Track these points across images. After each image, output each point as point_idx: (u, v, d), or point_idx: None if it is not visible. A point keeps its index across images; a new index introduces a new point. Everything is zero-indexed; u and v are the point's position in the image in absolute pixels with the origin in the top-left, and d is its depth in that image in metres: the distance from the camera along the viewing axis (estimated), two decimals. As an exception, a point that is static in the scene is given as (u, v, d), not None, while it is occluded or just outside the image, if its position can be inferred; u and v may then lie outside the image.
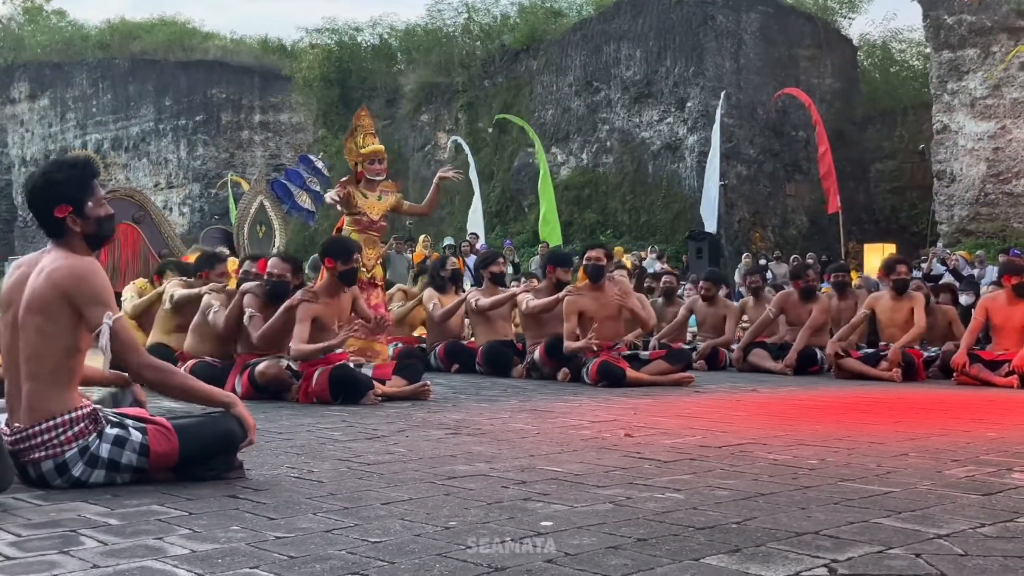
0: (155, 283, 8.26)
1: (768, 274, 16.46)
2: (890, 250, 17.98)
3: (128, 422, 3.14)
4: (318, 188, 14.48)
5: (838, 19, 26.22)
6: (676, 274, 11.66)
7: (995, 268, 13.19)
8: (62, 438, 3.01)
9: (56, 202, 3.04)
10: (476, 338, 8.71)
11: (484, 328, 8.44)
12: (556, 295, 7.65)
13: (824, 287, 10.88)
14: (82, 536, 2.43)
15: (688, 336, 10.11)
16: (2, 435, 3.03)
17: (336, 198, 7.58)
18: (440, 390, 6.52)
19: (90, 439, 3.04)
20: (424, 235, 19.00)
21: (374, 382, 5.88)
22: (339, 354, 6.02)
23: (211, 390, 3.32)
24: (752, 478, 3.28)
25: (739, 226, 21.92)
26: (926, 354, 8.36)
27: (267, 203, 14.56)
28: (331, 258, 6.10)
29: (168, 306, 7.23)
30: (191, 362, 6.29)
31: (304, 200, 14.73)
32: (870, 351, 8.36)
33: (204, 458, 3.16)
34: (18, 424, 3.05)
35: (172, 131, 31.32)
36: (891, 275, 8.38)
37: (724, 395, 6.68)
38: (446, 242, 19.67)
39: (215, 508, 2.77)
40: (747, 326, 9.59)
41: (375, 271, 7.54)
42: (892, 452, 3.88)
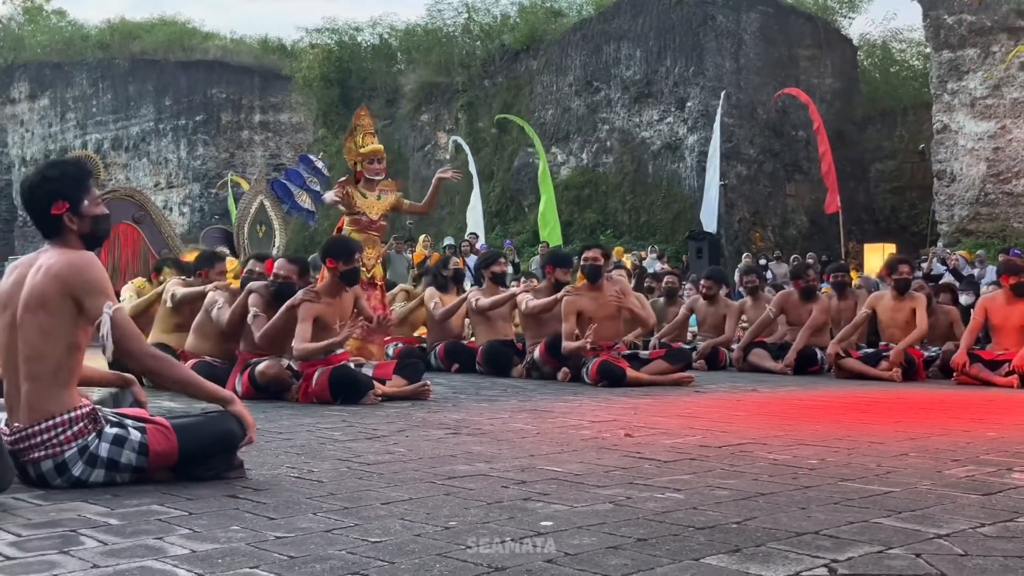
0: (152, 280, 8.26)
1: (768, 274, 16.46)
2: (890, 250, 17.98)
3: (127, 421, 3.15)
4: (318, 188, 14.46)
5: (838, 19, 26.23)
6: (678, 274, 11.67)
7: (995, 268, 13.17)
8: (61, 438, 3.01)
9: (53, 199, 3.05)
10: (476, 338, 8.71)
11: (484, 328, 8.45)
12: (555, 295, 7.66)
13: (824, 287, 10.88)
14: (82, 536, 2.43)
15: (688, 336, 10.12)
16: (2, 435, 3.04)
17: (336, 198, 7.59)
18: (440, 390, 6.52)
19: (89, 438, 3.04)
20: (424, 235, 19.00)
21: (374, 382, 5.89)
22: (339, 355, 6.03)
23: (210, 386, 3.32)
24: (752, 478, 3.28)
25: (739, 226, 21.92)
26: (926, 354, 8.36)
27: (267, 203, 14.55)
28: (332, 258, 6.10)
29: (169, 304, 7.22)
30: (192, 361, 6.30)
31: (304, 200, 14.71)
32: (870, 351, 8.36)
33: (203, 457, 3.17)
34: (18, 424, 3.05)
35: (172, 131, 31.32)
36: (893, 275, 8.37)
37: (724, 395, 6.68)
38: (446, 242, 19.67)
39: (215, 508, 2.77)
40: (747, 326, 9.59)
41: (375, 271, 7.56)
42: (892, 452, 3.88)
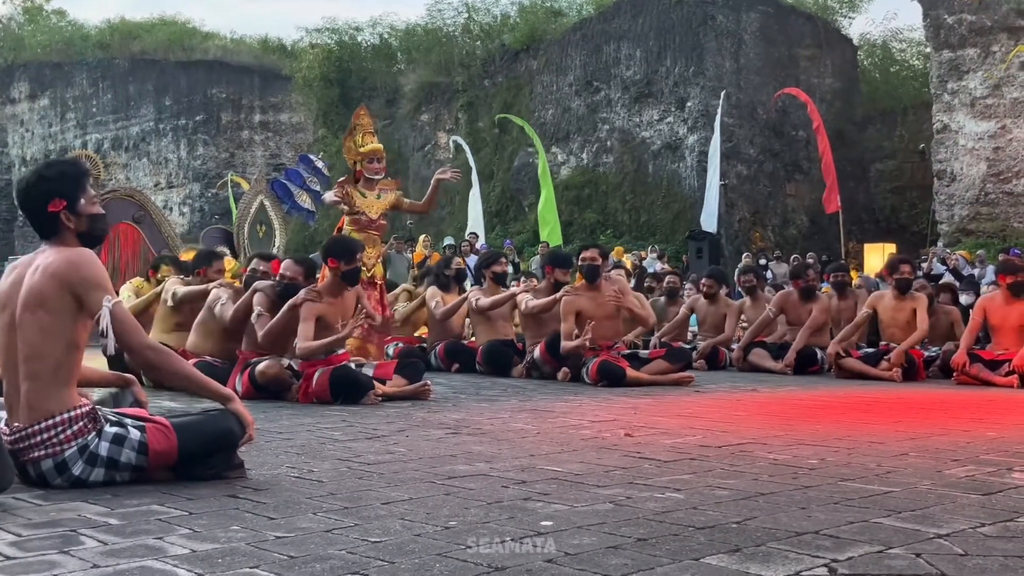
0: (150, 279, 8.25)
1: (768, 274, 16.46)
2: (890, 250, 17.98)
3: (127, 420, 3.15)
4: (318, 188, 14.48)
5: (838, 19, 26.22)
6: (679, 274, 11.66)
7: (995, 268, 13.17)
8: (61, 437, 3.01)
9: (50, 197, 3.06)
10: (476, 338, 8.72)
11: (484, 328, 8.45)
12: (554, 295, 7.66)
13: (824, 287, 10.88)
14: (82, 536, 2.43)
15: (688, 336, 10.12)
16: (1, 435, 3.04)
17: (336, 198, 7.60)
18: (440, 390, 6.52)
19: (89, 437, 3.05)
20: (424, 235, 18.99)
21: (375, 382, 5.89)
22: (340, 355, 6.03)
23: (209, 382, 3.32)
24: (752, 478, 3.28)
25: (739, 226, 21.92)
26: (926, 354, 8.36)
27: (267, 203, 14.57)
28: (334, 258, 6.10)
29: (170, 304, 7.22)
30: (192, 361, 6.30)
31: (304, 200, 14.73)
32: (871, 351, 8.36)
33: (203, 456, 3.17)
34: (17, 424, 3.05)
35: (172, 131, 31.31)
36: (894, 274, 8.36)
37: (724, 395, 6.68)
38: (446, 242, 19.67)
39: (215, 508, 2.77)
40: (746, 326, 9.60)
41: (375, 270, 7.56)
42: (892, 452, 3.88)
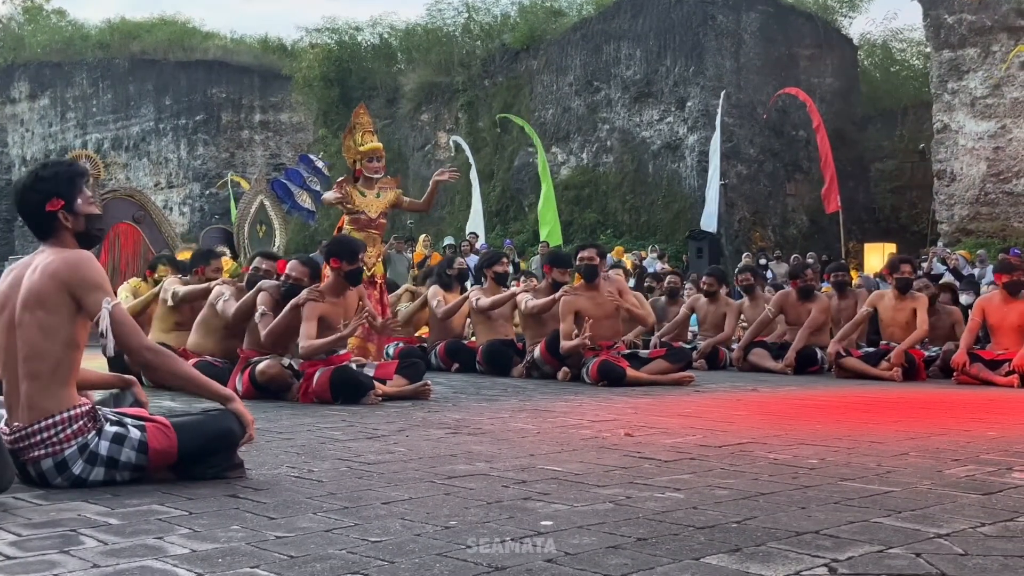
0: (147, 279, 8.24)
1: (768, 273, 16.46)
2: (890, 250, 17.99)
3: (127, 420, 3.15)
4: (318, 187, 14.48)
5: (838, 18, 26.21)
6: (680, 273, 11.65)
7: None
8: (61, 436, 3.02)
9: (48, 197, 3.06)
10: (477, 337, 8.72)
11: (485, 327, 8.46)
12: (553, 295, 7.66)
13: (824, 287, 10.88)
14: (82, 536, 2.43)
15: (689, 335, 10.12)
16: (1, 434, 3.04)
17: (336, 197, 7.60)
18: (440, 389, 6.52)
19: (89, 436, 3.05)
20: (424, 235, 19.00)
21: (375, 382, 5.89)
22: (341, 355, 6.03)
23: (209, 382, 3.33)
24: (752, 478, 3.28)
25: (739, 226, 21.91)
26: (927, 354, 8.35)
27: (267, 202, 14.58)
28: (336, 258, 6.10)
29: (170, 303, 7.21)
30: (192, 360, 6.30)
31: (304, 200, 14.73)
32: (871, 350, 8.36)
33: (203, 456, 3.17)
34: (17, 423, 3.05)
35: (172, 131, 31.30)
36: (895, 274, 8.36)
37: (724, 395, 6.68)
38: (446, 242, 19.67)
39: (215, 508, 2.77)
40: (746, 325, 9.60)
41: (375, 269, 7.57)
42: (892, 452, 3.87)
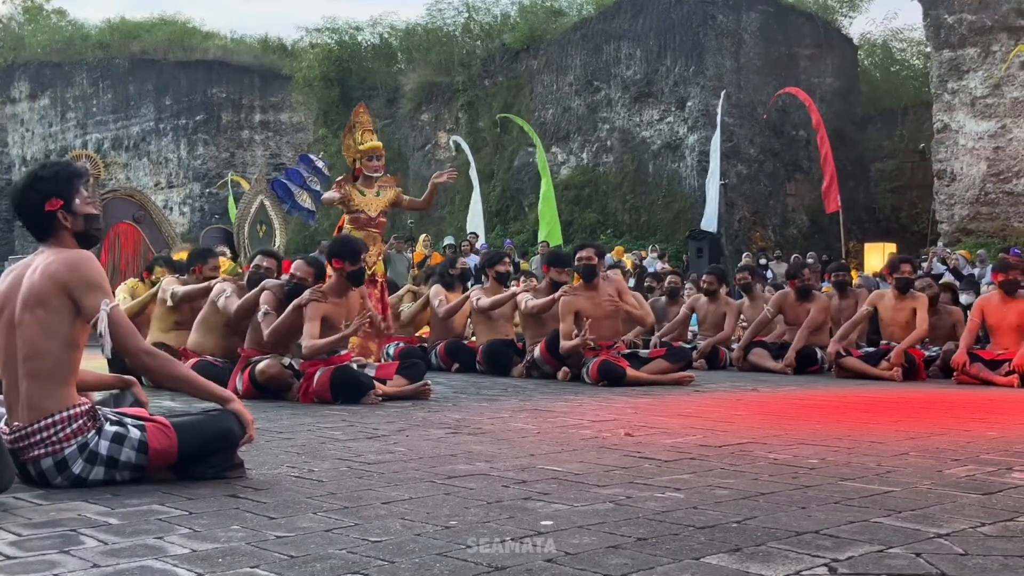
0: (145, 280, 8.24)
1: (768, 273, 16.46)
2: (891, 249, 17.99)
3: (127, 420, 3.16)
4: (318, 187, 14.47)
5: (838, 18, 26.21)
6: (680, 273, 11.65)
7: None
8: (61, 435, 3.02)
9: (47, 197, 3.06)
10: (477, 337, 8.72)
11: (485, 327, 8.46)
12: (553, 295, 7.67)
13: (825, 286, 10.87)
14: (82, 535, 2.43)
15: (689, 335, 10.12)
16: (1, 434, 3.04)
17: (335, 196, 7.60)
18: (440, 389, 6.52)
19: (89, 436, 3.05)
20: (424, 234, 19.00)
21: (375, 382, 5.89)
22: (342, 355, 6.03)
23: (208, 384, 3.33)
24: (752, 477, 3.28)
25: (739, 225, 21.91)
26: (927, 353, 8.35)
27: (267, 202, 14.56)
28: (339, 259, 6.10)
29: (169, 303, 7.20)
30: (192, 360, 6.30)
31: (304, 199, 14.72)
32: (871, 350, 8.35)
33: (203, 456, 3.17)
34: (17, 423, 3.05)
35: (172, 131, 31.30)
36: (895, 274, 8.36)
37: (724, 394, 6.68)
38: (446, 241, 19.67)
39: (215, 508, 2.77)
40: (746, 325, 9.60)
41: (376, 268, 7.57)
42: (892, 451, 3.87)
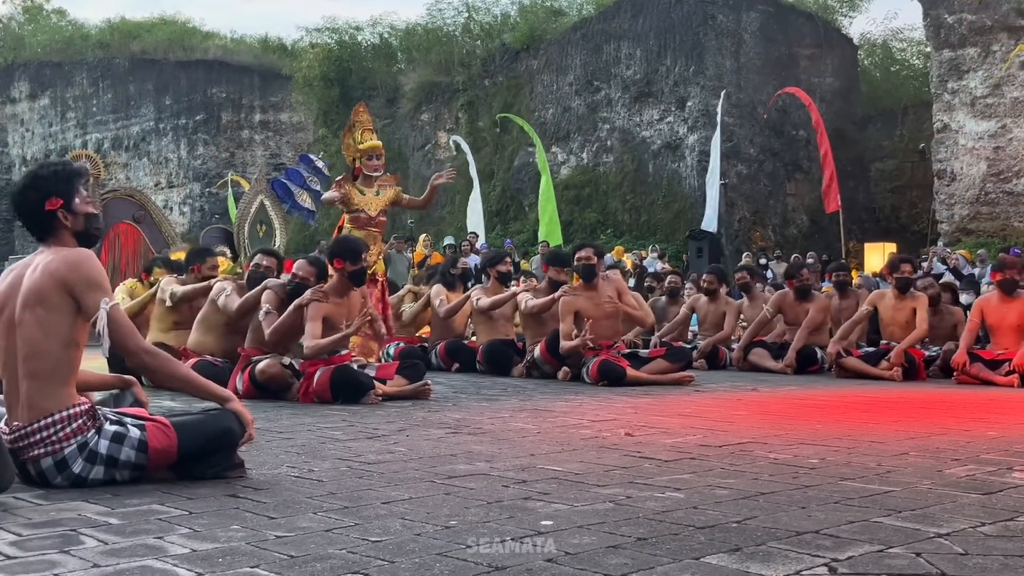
0: (143, 281, 8.23)
1: (768, 273, 16.46)
2: (891, 249, 17.98)
3: (126, 419, 3.16)
4: (318, 187, 14.47)
5: (838, 18, 26.21)
6: (680, 273, 11.65)
7: (994, 267, 13.14)
8: (61, 435, 3.02)
9: (46, 196, 3.07)
10: (477, 337, 8.73)
11: (486, 327, 8.46)
12: (552, 295, 7.67)
13: (825, 286, 10.87)
14: (82, 535, 2.43)
15: (689, 335, 10.12)
16: (1, 434, 3.04)
17: (335, 195, 7.60)
18: (440, 389, 6.52)
19: (89, 435, 3.05)
20: (424, 234, 19.00)
21: (375, 382, 5.89)
22: (343, 355, 6.03)
23: (207, 383, 3.33)
24: (752, 477, 3.28)
25: (739, 225, 21.91)
26: (927, 353, 8.35)
27: (267, 202, 14.56)
28: (340, 259, 6.10)
29: (169, 303, 7.20)
30: (192, 360, 6.30)
31: (304, 199, 14.71)
32: (871, 350, 8.35)
33: (203, 455, 3.17)
34: (17, 422, 3.05)
35: (172, 130, 31.31)
36: (895, 273, 8.36)
37: (724, 394, 6.68)
38: (446, 241, 19.67)
39: (215, 507, 2.77)
40: (746, 325, 9.60)
41: (376, 267, 7.57)
42: (892, 451, 3.87)
